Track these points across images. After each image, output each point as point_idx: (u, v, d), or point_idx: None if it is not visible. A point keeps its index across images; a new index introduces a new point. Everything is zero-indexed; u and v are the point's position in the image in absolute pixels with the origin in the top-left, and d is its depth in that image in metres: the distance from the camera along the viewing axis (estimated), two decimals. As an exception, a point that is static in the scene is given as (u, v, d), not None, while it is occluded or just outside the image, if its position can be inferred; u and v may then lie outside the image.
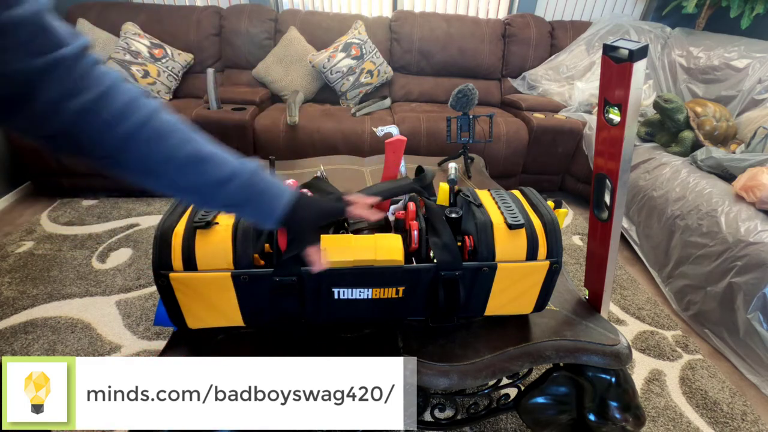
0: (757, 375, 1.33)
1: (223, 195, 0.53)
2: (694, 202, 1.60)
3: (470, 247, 0.73)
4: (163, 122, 0.49)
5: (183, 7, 2.54)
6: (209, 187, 0.52)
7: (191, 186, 0.52)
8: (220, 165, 0.53)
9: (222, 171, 0.53)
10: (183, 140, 0.50)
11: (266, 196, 0.56)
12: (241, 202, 0.54)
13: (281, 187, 0.58)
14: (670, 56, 2.48)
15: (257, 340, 0.76)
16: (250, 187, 0.55)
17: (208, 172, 0.52)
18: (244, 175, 0.54)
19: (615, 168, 0.76)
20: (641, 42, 0.64)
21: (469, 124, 1.57)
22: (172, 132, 0.49)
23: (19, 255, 1.70)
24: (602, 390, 0.79)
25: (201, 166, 0.51)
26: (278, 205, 0.57)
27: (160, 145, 0.48)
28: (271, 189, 0.57)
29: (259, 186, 0.55)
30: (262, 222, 0.57)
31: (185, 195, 0.54)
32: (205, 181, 0.52)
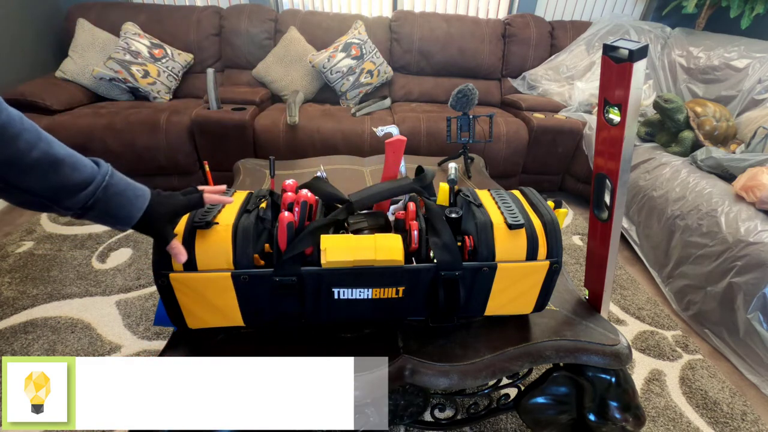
0: (757, 375, 1.33)
1: (73, 200, 0.50)
2: (694, 202, 1.60)
3: (470, 247, 0.73)
4: (9, 120, 0.45)
5: (183, 7, 2.54)
6: (57, 191, 0.49)
7: (35, 189, 0.48)
8: (74, 168, 0.50)
9: (75, 175, 0.50)
10: (33, 140, 0.46)
11: (124, 198, 0.55)
12: (94, 205, 0.52)
13: (138, 188, 0.57)
14: (670, 56, 2.48)
15: (257, 340, 0.76)
16: (107, 189, 0.53)
17: (60, 176, 0.49)
18: (101, 178, 0.52)
19: (615, 168, 0.76)
20: (641, 42, 0.64)
21: (469, 124, 1.57)
22: (19, 132, 0.45)
23: (19, 255, 1.70)
24: (602, 390, 0.79)
25: (51, 169, 0.48)
26: (138, 205, 0.56)
27: (7, 146, 0.45)
28: (127, 190, 0.56)
29: (118, 187, 0.54)
30: (117, 223, 0.56)
31: (24, 198, 0.49)
32: (54, 184, 0.49)
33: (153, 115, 2.04)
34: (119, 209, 0.55)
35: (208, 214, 0.69)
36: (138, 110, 2.09)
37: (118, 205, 0.54)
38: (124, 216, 0.56)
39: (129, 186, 0.56)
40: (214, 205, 0.71)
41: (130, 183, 0.57)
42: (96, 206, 0.52)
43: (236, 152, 2.01)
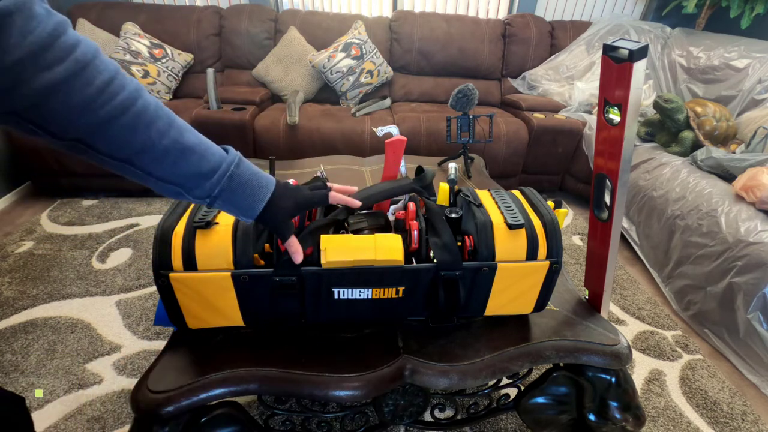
0: (757, 375, 1.33)
1: (202, 188, 0.51)
2: (694, 202, 1.60)
3: (470, 247, 0.73)
4: (147, 106, 0.45)
5: (183, 7, 2.54)
6: (189, 179, 0.49)
7: (168, 176, 0.48)
8: (202, 156, 0.50)
9: (203, 163, 0.50)
10: (164, 128, 0.46)
11: (248, 189, 0.54)
12: (220, 194, 0.52)
13: (263, 178, 0.56)
14: (670, 56, 2.48)
15: (257, 340, 0.76)
16: (231, 179, 0.52)
17: (190, 164, 0.49)
18: (226, 167, 0.52)
19: (615, 168, 0.76)
20: (641, 42, 0.64)
21: (469, 124, 1.57)
22: (155, 118, 0.46)
23: (19, 255, 1.70)
24: (602, 390, 0.79)
25: (183, 157, 0.48)
26: (260, 196, 0.55)
27: (142, 132, 0.44)
28: (252, 180, 0.55)
29: (243, 177, 0.54)
30: (241, 214, 0.56)
31: (160, 185, 0.49)
32: (184, 172, 0.49)
33: (153, 115, 2.04)
34: (242, 199, 0.54)
35: (208, 214, 0.69)
36: (138, 110, 2.09)
37: (241, 196, 0.54)
38: (246, 207, 0.55)
39: (254, 176, 0.55)
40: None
41: (256, 173, 0.56)
42: (221, 195, 0.52)
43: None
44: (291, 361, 0.71)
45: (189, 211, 0.70)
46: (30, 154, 2.00)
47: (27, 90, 0.36)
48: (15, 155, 2.05)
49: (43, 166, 2.04)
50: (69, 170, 2.06)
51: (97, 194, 2.22)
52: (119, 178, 2.14)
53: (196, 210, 0.70)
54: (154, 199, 2.20)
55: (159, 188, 0.50)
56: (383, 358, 0.73)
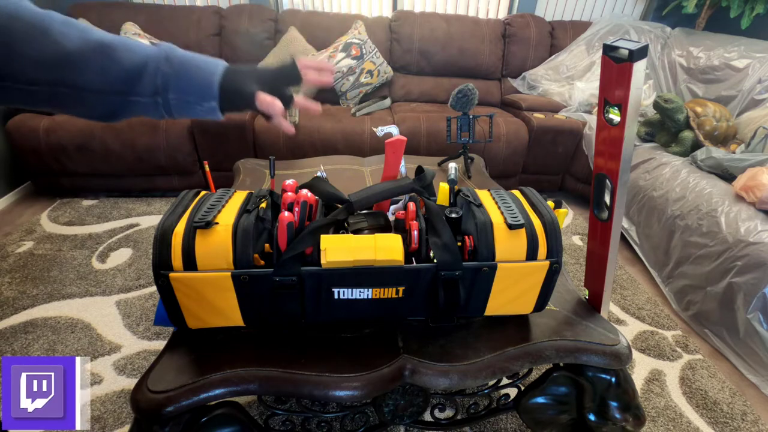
0: (757, 375, 1.33)
1: (144, 85, 0.45)
2: (694, 202, 1.60)
3: (470, 247, 0.73)
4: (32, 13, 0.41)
5: (183, 7, 2.54)
6: (126, 79, 0.45)
7: (104, 84, 0.44)
8: (127, 49, 0.45)
9: (133, 56, 0.45)
10: (65, 29, 0.42)
11: (194, 66, 0.48)
12: (167, 84, 0.46)
13: (206, 57, 0.51)
14: (670, 56, 2.48)
15: (257, 340, 0.76)
16: (170, 61, 0.47)
17: (118, 62, 0.44)
18: (158, 51, 0.47)
19: (615, 168, 0.76)
20: (641, 42, 0.64)
21: (469, 124, 1.57)
22: (50, 22, 0.42)
23: (19, 255, 1.70)
24: (602, 390, 0.79)
25: (104, 56, 0.43)
26: (211, 69, 0.50)
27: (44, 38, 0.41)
28: (195, 58, 0.49)
29: (183, 57, 0.48)
30: (201, 99, 0.49)
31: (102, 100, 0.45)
32: (117, 72, 0.44)
33: (153, 115, 2.04)
34: (194, 78, 0.48)
35: (208, 214, 0.69)
36: (138, 110, 2.09)
37: (190, 74, 0.48)
38: (203, 84, 0.49)
39: (195, 56, 0.50)
40: (214, 205, 0.71)
41: (195, 54, 0.50)
42: (169, 83, 0.46)
43: (236, 152, 2.01)
44: (291, 361, 0.71)
45: (189, 211, 0.70)
46: (30, 154, 2.00)
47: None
48: (15, 155, 2.05)
49: (43, 166, 2.04)
50: (69, 170, 2.06)
51: (97, 194, 2.22)
52: (119, 178, 2.16)
53: (196, 210, 0.70)
54: (154, 199, 2.20)
55: (103, 105, 0.45)
56: (383, 358, 0.73)
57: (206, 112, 0.51)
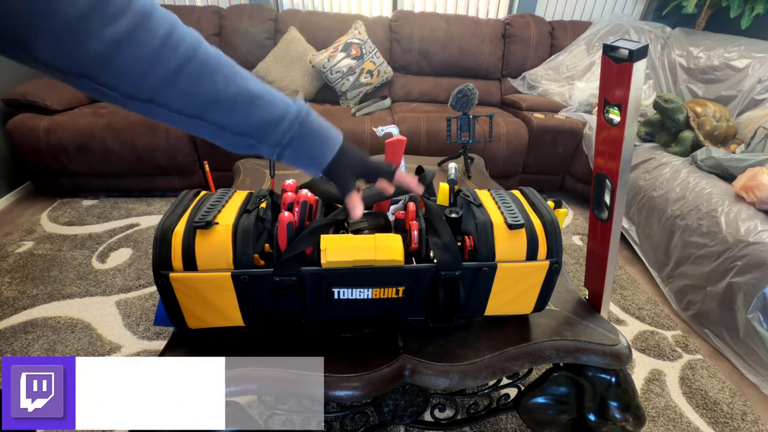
0: (757, 375, 1.33)
1: (274, 135, 0.50)
2: (694, 202, 1.60)
3: (470, 247, 0.73)
4: (209, 55, 0.45)
5: (183, 7, 2.54)
6: (260, 128, 0.49)
7: (239, 127, 0.48)
8: (271, 103, 0.49)
9: (273, 110, 0.50)
10: (230, 76, 0.46)
11: (317, 137, 0.54)
12: (290, 143, 0.51)
13: (332, 129, 0.56)
14: (670, 56, 2.48)
15: (257, 340, 0.76)
16: (302, 126, 0.52)
17: (260, 111, 0.48)
18: (295, 113, 0.51)
19: (615, 168, 0.76)
20: (641, 42, 0.64)
21: (469, 124, 1.57)
22: (218, 67, 0.45)
23: (19, 255, 1.70)
24: (602, 390, 0.79)
25: (252, 104, 0.48)
26: (330, 146, 0.55)
27: (207, 82, 0.44)
28: (322, 129, 0.55)
29: (313, 125, 0.53)
30: (311, 164, 0.55)
31: (233, 139, 0.49)
32: (256, 121, 0.48)
33: (153, 115, 2.04)
34: (312, 147, 0.54)
35: (208, 214, 0.69)
36: (138, 110, 2.09)
37: (311, 144, 0.54)
38: (317, 155, 0.55)
39: (324, 125, 0.55)
40: (214, 205, 0.71)
41: (325, 123, 0.56)
42: (292, 144, 0.52)
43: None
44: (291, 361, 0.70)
45: (189, 211, 0.70)
46: (30, 154, 2.00)
47: (96, 45, 0.37)
48: (15, 155, 2.05)
49: (43, 166, 2.04)
50: (69, 170, 2.06)
51: (97, 194, 2.22)
52: (119, 178, 2.16)
53: (196, 210, 0.70)
54: (154, 199, 2.20)
55: (232, 143, 0.50)
56: (383, 358, 0.73)
57: (308, 171, 0.58)
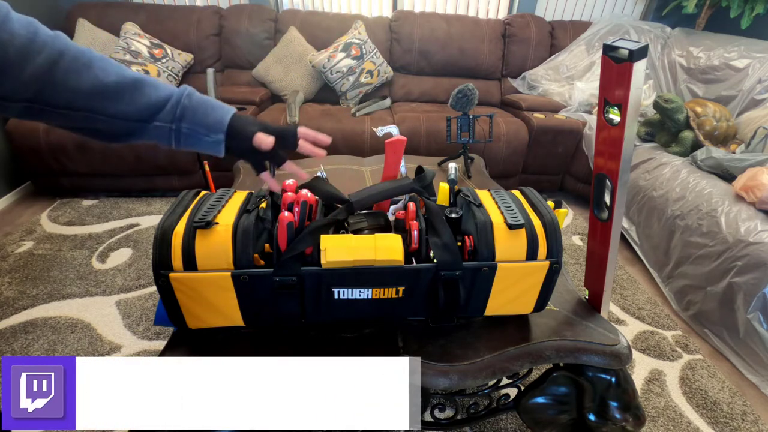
0: (757, 375, 1.33)
1: (165, 113, 0.53)
2: (694, 202, 1.60)
3: (470, 247, 0.73)
4: (79, 48, 0.47)
5: (183, 7, 2.54)
6: (149, 109, 0.52)
7: (129, 113, 0.50)
8: (155, 86, 0.52)
9: (159, 91, 0.52)
10: (107, 67, 0.49)
11: (209, 105, 0.57)
12: (183, 114, 0.54)
13: (221, 103, 0.59)
14: (670, 56, 2.48)
15: (257, 340, 0.76)
16: (190, 98, 0.55)
17: (146, 95, 0.51)
18: (182, 89, 0.55)
19: (615, 168, 0.76)
20: (641, 42, 0.64)
21: (469, 124, 1.57)
22: (92, 59, 0.48)
23: (19, 255, 1.70)
24: (602, 390, 0.79)
25: (136, 89, 0.50)
26: (224, 110, 0.58)
27: (86, 73, 0.47)
28: (209, 100, 0.57)
29: (201, 97, 0.56)
30: (210, 132, 0.57)
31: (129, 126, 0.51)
32: (144, 103, 0.51)
33: (153, 115, 2.04)
34: (208, 113, 0.56)
35: (208, 214, 0.69)
36: (138, 110, 2.09)
37: (206, 111, 0.56)
38: (216, 120, 0.57)
39: (210, 98, 0.58)
40: (214, 205, 0.71)
41: (210, 97, 0.58)
42: (186, 114, 0.54)
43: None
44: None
45: (189, 211, 0.70)
46: (30, 154, 2.00)
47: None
48: (15, 155, 2.05)
49: (43, 166, 2.04)
50: (69, 170, 2.06)
51: (97, 194, 2.22)
52: (119, 178, 2.16)
53: (196, 210, 0.70)
54: (154, 199, 2.20)
55: (126, 129, 0.51)
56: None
57: (211, 145, 0.59)
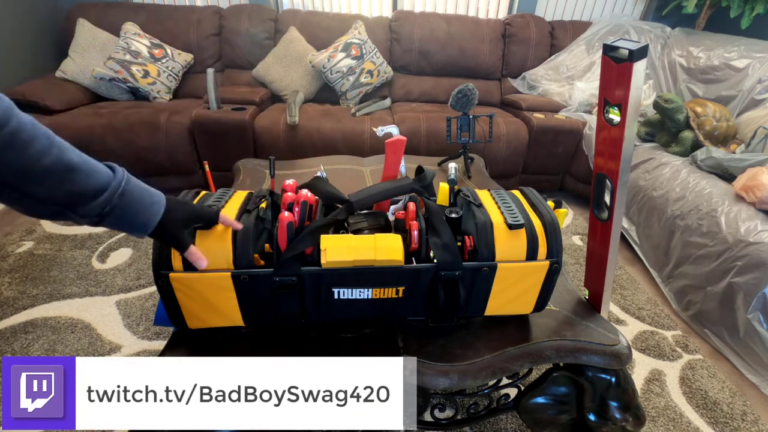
0: (757, 375, 1.33)
1: (89, 207, 0.49)
2: (694, 202, 1.60)
3: (470, 247, 0.73)
4: (22, 124, 0.43)
5: (183, 7, 2.54)
6: (72, 199, 0.48)
7: (49, 198, 0.47)
8: (88, 175, 0.49)
9: (90, 182, 0.49)
10: (44, 147, 0.45)
11: (140, 205, 0.54)
12: (111, 212, 0.51)
13: (154, 194, 0.57)
14: (670, 56, 2.48)
15: (257, 340, 0.76)
16: (123, 196, 0.52)
17: (75, 183, 0.48)
18: (116, 185, 0.51)
19: (615, 168, 0.76)
20: (641, 42, 0.64)
21: (469, 124, 1.57)
22: (32, 137, 0.44)
23: (19, 255, 1.70)
24: (602, 390, 0.79)
25: (66, 176, 0.47)
26: (154, 211, 0.55)
27: (19, 152, 0.43)
28: (144, 196, 0.55)
29: (134, 194, 0.53)
30: (134, 230, 0.55)
31: (38, 207, 0.48)
32: (67, 191, 0.47)
33: (153, 115, 2.04)
34: (135, 216, 0.54)
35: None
36: (138, 110, 2.09)
37: (134, 213, 0.53)
38: (141, 223, 0.55)
39: (144, 192, 0.55)
40: (213, 205, 0.71)
41: (145, 189, 0.56)
42: (112, 213, 0.51)
43: (236, 152, 2.01)
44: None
45: (189, 211, 0.70)
46: (30, 154, 2.00)
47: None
48: (15, 155, 2.04)
49: (43, 166, 2.03)
50: (69, 170, 2.05)
51: (97, 194, 2.22)
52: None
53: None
54: (154, 199, 2.20)
55: (35, 210, 0.48)
56: (383, 358, 0.73)
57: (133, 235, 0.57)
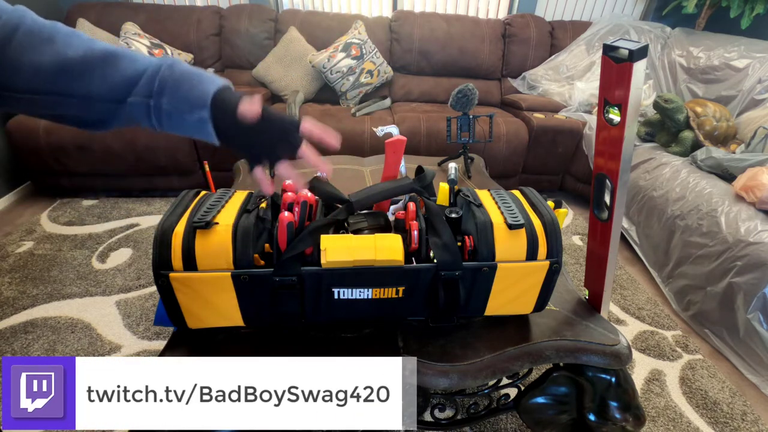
0: (757, 375, 1.33)
1: (141, 87, 0.45)
2: (694, 202, 1.60)
3: (470, 247, 0.73)
4: (38, 23, 0.41)
5: (183, 7, 2.54)
6: (124, 85, 0.44)
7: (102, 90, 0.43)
8: (131, 59, 0.45)
9: (136, 64, 0.45)
10: (69, 39, 0.42)
11: (194, 75, 0.48)
12: (163, 88, 0.46)
13: (213, 76, 0.50)
14: (670, 56, 2.48)
15: (257, 340, 0.76)
16: (173, 67, 0.46)
17: (118, 69, 0.44)
18: (162, 60, 0.47)
19: (615, 168, 0.76)
20: (641, 42, 0.64)
21: (469, 124, 1.57)
22: (53, 32, 0.42)
23: (19, 255, 1.70)
24: (602, 390, 0.79)
25: (107, 62, 0.43)
26: (211, 79, 0.48)
27: (47, 48, 0.41)
28: (194, 70, 0.48)
29: (184, 66, 0.48)
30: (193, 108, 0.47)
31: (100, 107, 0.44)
32: (117, 79, 0.44)
33: (153, 115, 2.04)
34: (194, 86, 0.47)
35: (208, 214, 0.69)
36: (138, 110, 2.09)
37: (191, 83, 0.47)
38: (198, 94, 0.47)
39: (199, 69, 0.49)
40: (213, 205, 0.71)
41: (201, 70, 0.50)
42: (165, 88, 0.45)
43: (236, 152, 2.01)
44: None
45: (189, 211, 0.70)
46: (30, 154, 2.00)
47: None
48: (15, 155, 2.05)
49: (43, 166, 2.04)
50: (69, 170, 2.05)
51: (97, 194, 2.22)
52: (119, 178, 2.16)
53: (196, 210, 0.70)
54: (154, 199, 2.20)
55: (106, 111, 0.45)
56: (383, 358, 0.73)
57: (197, 125, 0.49)
